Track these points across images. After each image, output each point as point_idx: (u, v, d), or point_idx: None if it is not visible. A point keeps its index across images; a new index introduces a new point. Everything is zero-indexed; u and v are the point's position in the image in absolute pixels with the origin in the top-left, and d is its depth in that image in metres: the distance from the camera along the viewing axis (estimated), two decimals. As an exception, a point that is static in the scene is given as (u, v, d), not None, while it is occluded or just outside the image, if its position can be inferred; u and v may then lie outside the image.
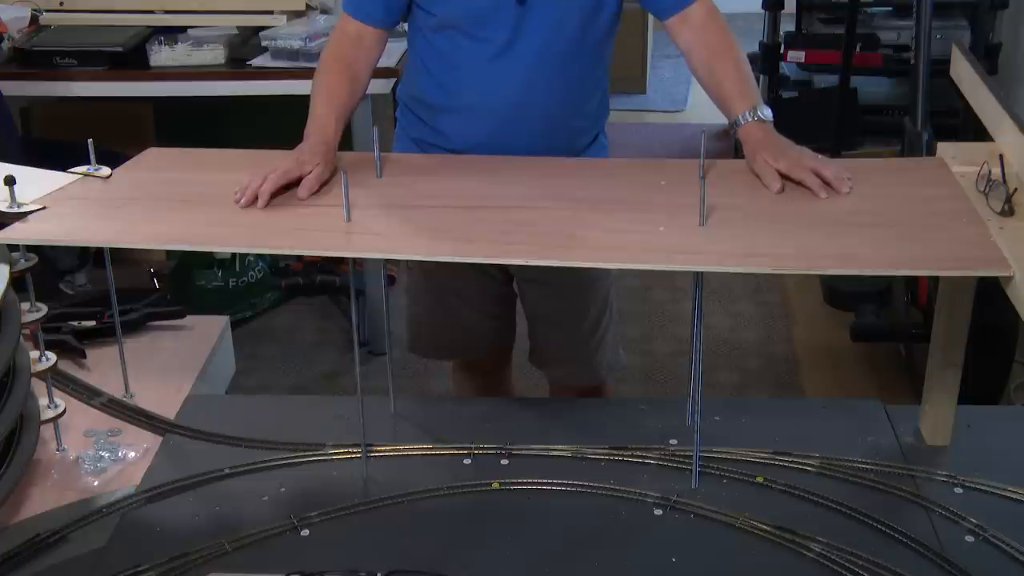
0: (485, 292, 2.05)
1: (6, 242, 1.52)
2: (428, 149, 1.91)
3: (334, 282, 3.64)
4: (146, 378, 1.88)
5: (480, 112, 1.82)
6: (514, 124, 1.81)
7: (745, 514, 1.51)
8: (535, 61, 1.78)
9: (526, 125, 1.82)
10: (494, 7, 1.74)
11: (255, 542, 1.50)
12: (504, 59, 1.77)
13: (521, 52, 1.77)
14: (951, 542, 1.46)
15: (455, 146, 1.87)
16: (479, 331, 2.11)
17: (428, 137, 1.91)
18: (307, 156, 1.66)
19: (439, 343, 2.15)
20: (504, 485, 1.60)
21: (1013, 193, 1.47)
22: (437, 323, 2.09)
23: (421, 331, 2.13)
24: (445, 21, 1.78)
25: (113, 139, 2.04)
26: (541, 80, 1.79)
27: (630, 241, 1.47)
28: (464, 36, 1.78)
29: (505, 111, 1.81)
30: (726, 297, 3.63)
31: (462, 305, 2.05)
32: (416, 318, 2.12)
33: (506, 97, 1.80)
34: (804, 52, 4.30)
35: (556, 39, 1.77)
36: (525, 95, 1.80)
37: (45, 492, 1.62)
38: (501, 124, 1.81)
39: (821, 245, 1.43)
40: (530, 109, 1.81)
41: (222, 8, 3.14)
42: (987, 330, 2.15)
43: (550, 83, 1.80)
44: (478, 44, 1.78)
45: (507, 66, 1.78)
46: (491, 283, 2.05)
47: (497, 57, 1.77)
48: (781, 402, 2.43)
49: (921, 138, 2.81)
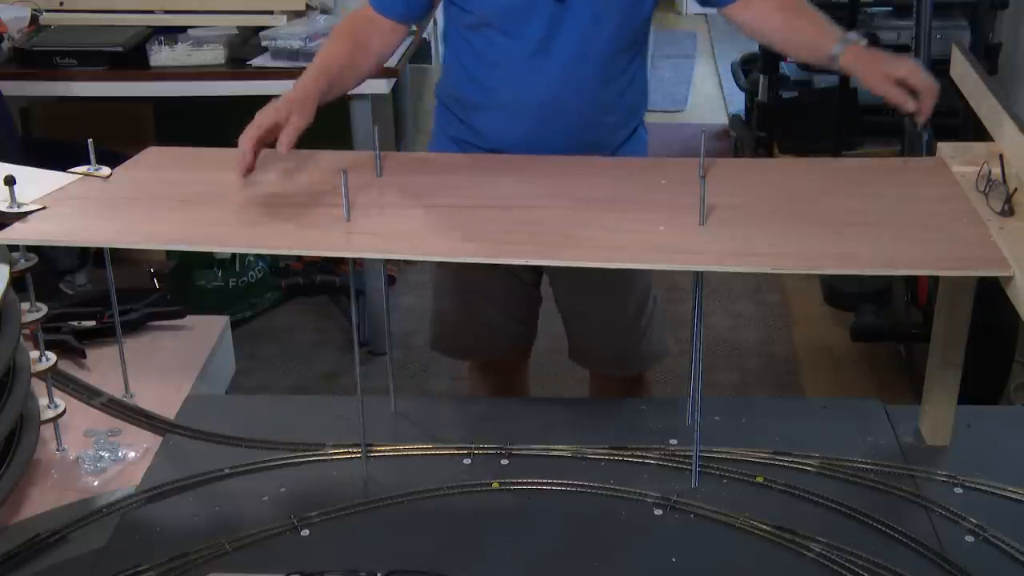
0: (511, 292, 2.04)
1: (6, 242, 1.52)
2: (465, 147, 1.91)
3: (334, 282, 3.64)
4: (146, 378, 1.88)
5: (516, 110, 1.81)
6: (550, 122, 1.81)
7: (745, 514, 1.51)
8: (571, 59, 1.77)
9: (562, 122, 1.81)
10: (531, 4, 1.74)
11: (255, 542, 1.50)
12: (540, 57, 1.77)
13: (558, 50, 1.77)
14: (951, 542, 1.46)
15: (492, 144, 1.86)
16: (502, 332, 2.10)
17: (465, 135, 1.90)
18: (281, 103, 1.65)
19: (462, 342, 2.14)
20: (504, 485, 1.60)
21: (1013, 193, 1.46)
22: (461, 322, 2.08)
23: (445, 330, 2.12)
24: (482, 19, 1.78)
25: (113, 139, 2.04)
26: (577, 77, 1.79)
27: (630, 241, 1.47)
28: (500, 34, 1.78)
29: (542, 109, 1.80)
30: (726, 297, 3.63)
31: (487, 305, 2.04)
32: (441, 316, 2.11)
33: (542, 95, 1.79)
34: (804, 52, 4.29)
35: (593, 36, 1.77)
36: (561, 92, 1.79)
37: (45, 492, 1.62)
38: (538, 122, 1.81)
39: (821, 245, 1.43)
40: (566, 106, 1.81)
41: (222, 8, 3.14)
42: (987, 330, 2.15)
43: (586, 80, 1.80)
44: (514, 42, 1.77)
45: (543, 64, 1.77)
46: (517, 283, 2.03)
47: (534, 55, 1.77)
48: (781, 402, 2.42)
49: (921, 138, 2.81)
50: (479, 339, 2.11)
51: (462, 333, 2.11)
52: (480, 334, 2.10)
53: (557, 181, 1.68)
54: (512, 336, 2.13)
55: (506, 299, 2.05)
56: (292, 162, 1.78)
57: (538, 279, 2.06)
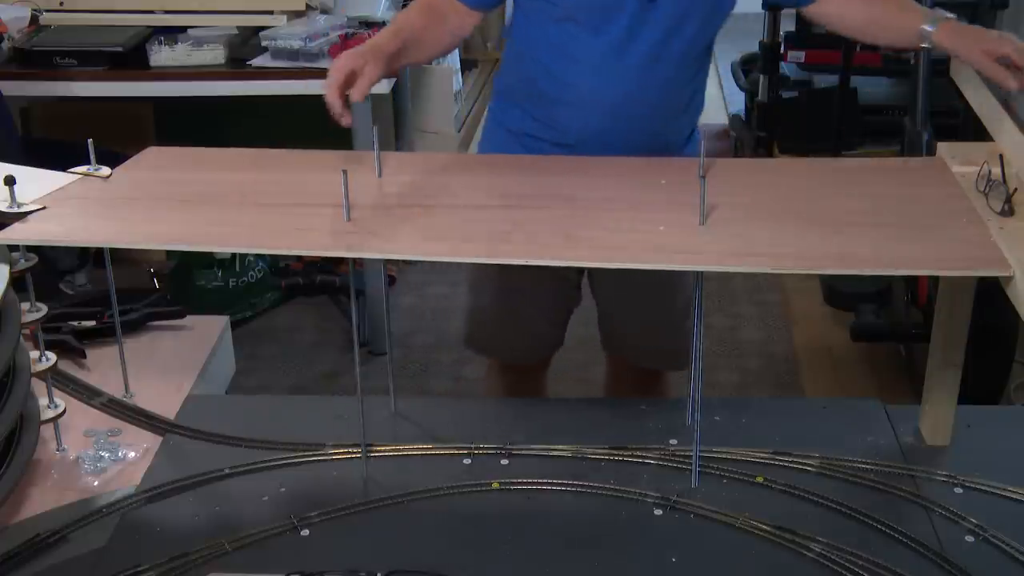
0: (553, 293, 2.02)
1: (6, 242, 1.52)
2: (527, 141, 1.90)
3: (334, 282, 3.64)
4: (146, 378, 1.88)
5: (592, 106, 1.80)
6: (625, 119, 1.81)
7: (745, 514, 1.51)
8: (650, 59, 1.77)
9: (636, 121, 1.81)
10: (620, 1, 1.73)
11: (255, 542, 1.50)
12: (620, 54, 1.77)
13: (638, 49, 1.76)
14: (951, 542, 1.46)
15: (562, 139, 1.85)
16: (539, 334, 2.10)
17: (531, 129, 1.89)
18: (356, 52, 1.64)
19: (499, 342, 2.12)
20: (504, 485, 1.60)
21: (1013, 193, 1.46)
22: (500, 321, 2.06)
23: (482, 328, 2.11)
24: (568, 12, 1.77)
25: (113, 139, 2.04)
26: (655, 77, 1.79)
27: (630, 240, 1.47)
28: (583, 28, 1.77)
29: (617, 106, 1.80)
30: (726, 297, 3.63)
31: (529, 306, 2.03)
32: (478, 313, 2.09)
33: (619, 92, 1.79)
34: (804, 52, 4.30)
35: (673, 38, 1.77)
36: (638, 91, 1.79)
37: (45, 492, 1.62)
38: (612, 119, 1.81)
39: (821, 245, 1.42)
40: (641, 106, 1.80)
41: (222, 8, 3.14)
42: (987, 330, 2.15)
43: (663, 81, 1.80)
44: (596, 38, 1.76)
45: (622, 61, 1.77)
46: (562, 284, 2.02)
47: (614, 52, 1.77)
48: (781, 402, 2.43)
49: (921, 138, 2.81)
50: (517, 340, 2.10)
51: (500, 333, 2.09)
52: (518, 335, 2.08)
53: (557, 181, 1.68)
54: (547, 339, 2.12)
55: (548, 300, 2.04)
56: (292, 162, 1.78)
57: (580, 279, 2.05)
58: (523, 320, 2.06)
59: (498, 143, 1.95)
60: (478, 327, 2.11)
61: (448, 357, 3.33)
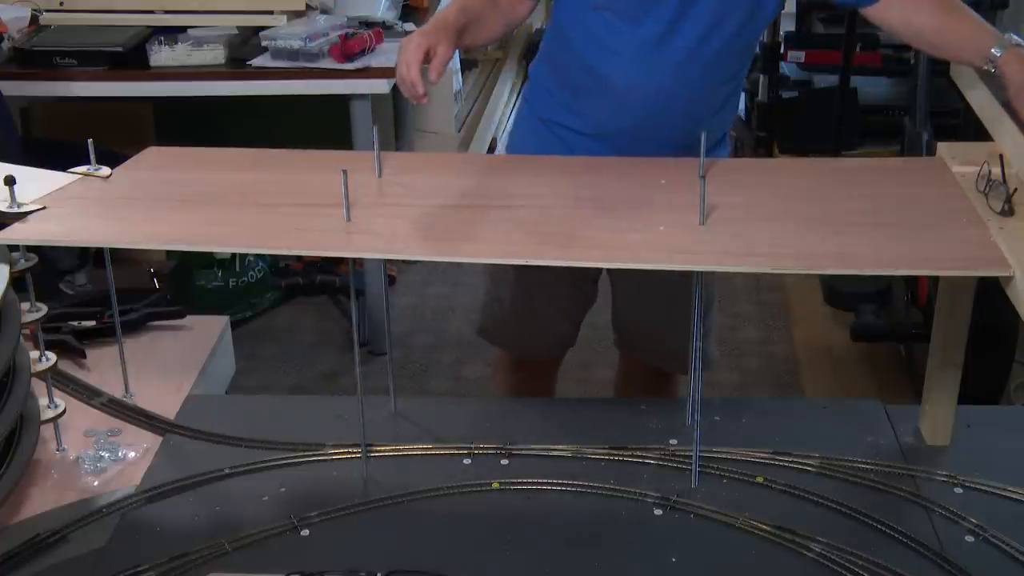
0: (572, 290, 2.02)
1: (6, 242, 1.52)
2: (560, 131, 1.88)
3: (334, 282, 3.64)
4: (146, 378, 1.88)
5: (627, 100, 1.79)
6: (658, 116, 1.79)
7: (745, 514, 1.51)
8: (688, 56, 1.76)
9: (670, 117, 1.80)
10: None
11: (255, 542, 1.50)
12: (659, 49, 1.75)
13: (676, 45, 1.75)
14: (951, 542, 1.46)
15: (596, 130, 1.84)
16: (555, 331, 2.09)
17: (565, 120, 1.88)
18: (427, 33, 1.62)
19: (515, 337, 2.11)
20: (504, 485, 1.60)
21: (1013, 193, 1.46)
22: (518, 315, 2.05)
23: (498, 320, 2.08)
24: (608, 1, 1.76)
25: (113, 139, 2.04)
26: (691, 75, 1.77)
27: (630, 240, 1.47)
28: (622, 20, 1.75)
29: (651, 102, 1.78)
30: (726, 297, 3.63)
31: (548, 302, 2.02)
32: (496, 305, 2.07)
33: (655, 87, 1.77)
34: (804, 52, 4.30)
35: (713, 35, 1.75)
36: (674, 87, 1.78)
37: (45, 492, 1.62)
38: (645, 115, 1.79)
39: (821, 245, 1.43)
40: (677, 103, 1.79)
41: (222, 8, 3.14)
42: (987, 330, 2.15)
43: (700, 79, 1.78)
44: (636, 30, 1.75)
45: (661, 56, 1.76)
46: (582, 282, 2.01)
47: (653, 46, 1.75)
48: (781, 402, 2.43)
49: (921, 138, 2.81)
50: (533, 335, 2.09)
51: (516, 327, 2.08)
52: (535, 331, 2.08)
53: (557, 181, 1.68)
54: (563, 336, 2.12)
55: (566, 298, 2.03)
56: (292, 162, 1.78)
57: (598, 276, 2.04)
58: (541, 316, 2.05)
59: (530, 131, 1.94)
60: (494, 319, 2.10)
61: (448, 357, 3.33)
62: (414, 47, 1.59)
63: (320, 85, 2.99)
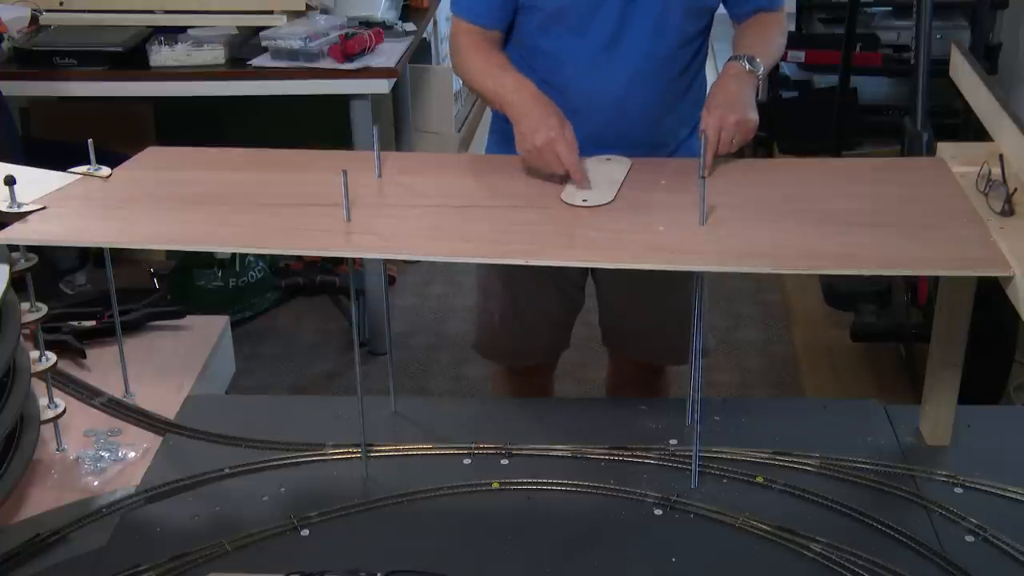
0: (560, 298, 2.04)
1: (6, 242, 1.52)
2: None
3: (334, 282, 3.64)
4: (146, 378, 1.88)
5: (586, 109, 1.81)
6: (617, 121, 1.82)
7: (745, 514, 1.51)
8: (640, 57, 1.79)
9: (628, 120, 1.82)
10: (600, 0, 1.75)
11: (255, 542, 1.50)
12: (609, 55, 1.78)
13: (626, 49, 1.78)
14: (951, 542, 1.46)
15: None
16: (545, 338, 2.11)
17: None
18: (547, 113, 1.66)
19: (507, 350, 2.14)
20: (504, 485, 1.60)
21: (1013, 193, 1.46)
22: (509, 329, 2.07)
23: (492, 336, 2.11)
24: (551, 15, 1.78)
25: (113, 139, 2.04)
26: (644, 76, 1.80)
27: (630, 241, 1.47)
28: (569, 31, 1.78)
29: (609, 108, 1.81)
30: (726, 297, 3.63)
31: (535, 313, 2.04)
32: (487, 317, 2.09)
33: (611, 92, 1.80)
34: (804, 52, 4.30)
35: (660, 34, 1.78)
36: (629, 89, 1.80)
37: (45, 492, 1.62)
38: (605, 121, 1.81)
39: (821, 245, 1.43)
40: (632, 105, 1.82)
41: (222, 8, 3.14)
42: (987, 330, 2.15)
43: (653, 79, 1.81)
44: (583, 39, 1.78)
45: (612, 62, 1.79)
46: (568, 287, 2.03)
47: (602, 52, 1.78)
48: (781, 402, 2.43)
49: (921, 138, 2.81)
50: (524, 345, 2.11)
51: (508, 339, 2.10)
52: (525, 341, 2.09)
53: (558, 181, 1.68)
54: (553, 342, 2.13)
55: (553, 304, 2.05)
56: (292, 162, 1.78)
57: (584, 281, 2.06)
58: (531, 325, 2.06)
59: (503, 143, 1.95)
60: (487, 333, 2.12)
61: (448, 357, 3.33)
62: (568, 142, 1.63)
63: (320, 85, 3.00)
